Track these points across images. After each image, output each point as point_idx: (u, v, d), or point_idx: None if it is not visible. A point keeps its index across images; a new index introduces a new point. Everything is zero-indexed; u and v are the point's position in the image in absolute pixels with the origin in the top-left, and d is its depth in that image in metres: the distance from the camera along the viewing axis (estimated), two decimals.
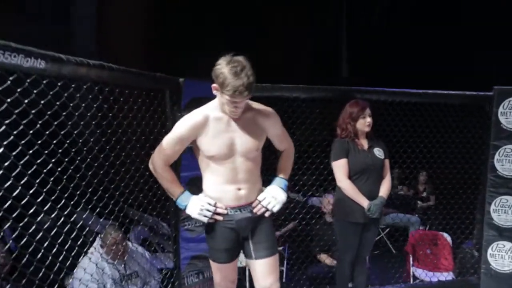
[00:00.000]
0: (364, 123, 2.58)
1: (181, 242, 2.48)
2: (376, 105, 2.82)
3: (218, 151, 1.80)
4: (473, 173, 3.36)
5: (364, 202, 2.52)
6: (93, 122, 1.92)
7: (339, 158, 2.58)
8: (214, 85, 1.73)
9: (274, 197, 1.88)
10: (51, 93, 1.62)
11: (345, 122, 2.63)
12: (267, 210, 1.88)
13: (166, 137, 1.87)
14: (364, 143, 2.63)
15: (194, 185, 2.47)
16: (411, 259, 3.69)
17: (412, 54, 5.96)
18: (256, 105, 1.87)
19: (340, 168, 2.57)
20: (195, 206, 1.82)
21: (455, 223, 3.49)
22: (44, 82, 1.57)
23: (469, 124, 3.31)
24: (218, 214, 1.83)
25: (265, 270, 1.88)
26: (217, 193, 1.85)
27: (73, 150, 1.82)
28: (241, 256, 2.67)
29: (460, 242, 3.63)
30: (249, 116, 1.85)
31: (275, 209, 1.90)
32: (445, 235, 3.79)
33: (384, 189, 2.61)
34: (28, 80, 1.50)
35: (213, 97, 2.54)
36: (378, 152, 2.63)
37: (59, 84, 1.64)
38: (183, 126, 1.82)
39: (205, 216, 1.82)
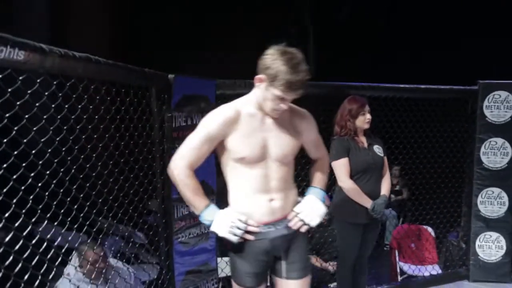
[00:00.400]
0: (364, 120, 2.47)
1: (175, 256, 2.23)
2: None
3: (250, 152, 1.54)
4: (460, 167, 3.39)
5: (368, 203, 2.42)
6: (78, 127, 1.62)
7: (340, 157, 2.45)
8: (260, 76, 1.49)
9: (312, 209, 1.64)
10: (29, 91, 1.33)
11: (344, 119, 2.51)
12: (304, 224, 1.63)
13: (190, 136, 1.58)
14: (364, 141, 2.52)
15: None
16: (396, 254, 3.68)
17: (379, 51, 6.04)
18: (291, 104, 1.60)
19: (341, 167, 2.45)
20: (224, 223, 1.53)
21: (444, 216, 3.50)
22: (21, 78, 1.27)
23: (452, 118, 3.33)
24: (249, 232, 1.56)
25: None
26: (247, 206, 1.58)
27: (55, 160, 1.52)
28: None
29: (446, 233, 3.66)
30: (285, 116, 1.59)
31: (313, 224, 1.65)
32: (428, 228, 3.83)
33: (386, 188, 2.53)
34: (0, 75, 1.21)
35: (204, 94, 2.36)
36: (378, 149, 2.53)
37: (38, 81, 1.35)
38: (212, 122, 1.54)
39: (235, 235, 1.54)
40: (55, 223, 1.79)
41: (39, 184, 1.40)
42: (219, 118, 1.54)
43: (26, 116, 1.33)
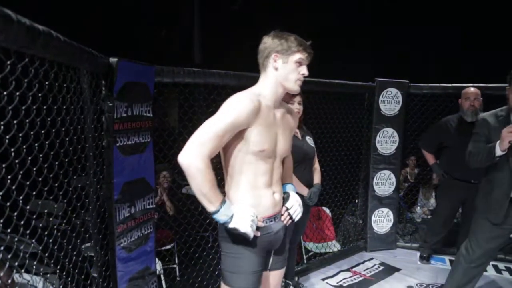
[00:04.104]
0: None
1: (117, 264, 1.97)
2: None
3: (269, 145, 1.52)
4: (355, 153, 3.85)
5: (304, 191, 2.56)
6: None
7: None
8: (274, 54, 1.52)
9: (299, 205, 1.71)
10: None
11: None
12: (290, 218, 1.69)
13: (211, 122, 1.42)
14: (299, 132, 2.65)
15: (128, 191, 2.02)
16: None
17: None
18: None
19: None
20: (246, 217, 1.44)
21: (339, 198, 3.89)
22: None
23: (352, 110, 3.75)
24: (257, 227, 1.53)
25: (276, 282, 1.74)
26: (254, 199, 1.53)
27: None
28: None
29: (341, 212, 4.13)
30: (286, 110, 1.66)
31: (297, 219, 1.72)
32: (325, 208, 4.28)
33: (318, 177, 2.71)
34: None
35: (143, 81, 2.11)
36: (310, 141, 2.69)
37: None
38: (240, 108, 1.42)
39: (252, 231, 1.48)
40: None
41: None
42: (248, 105, 1.43)
43: None
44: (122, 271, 1.99)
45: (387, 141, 3.69)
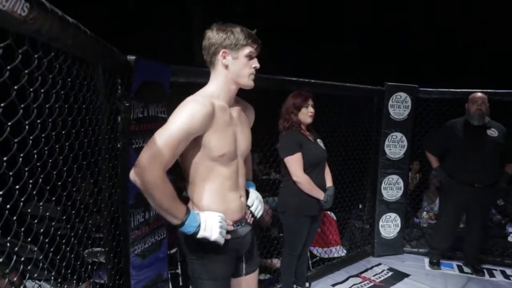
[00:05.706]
0: (307, 113, 2.53)
1: (132, 271, 1.87)
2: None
3: (228, 149, 1.45)
4: (363, 157, 3.79)
5: (320, 195, 2.51)
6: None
7: (294, 152, 2.46)
8: (222, 50, 1.42)
9: (261, 201, 1.66)
10: None
11: (288, 112, 2.54)
12: (254, 217, 1.65)
13: (164, 132, 1.31)
14: (311, 135, 2.59)
15: (143, 196, 1.92)
16: None
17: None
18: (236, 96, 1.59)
19: (296, 162, 2.46)
20: (214, 224, 1.38)
21: (345, 202, 3.81)
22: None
23: (360, 113, 3.70)
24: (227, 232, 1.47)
25: (254, 284, 1.69)
26: (221, 204, 1.47)
27: None
28: None
29: (348, 217, 4.07)
30: (241, 107, 1.58)
31: (259, 216, 1.67)
32: (331, 213, 4.22)
33: (330, 179, 2.66)
34: None
35: (159, 81, 2.03)
36: (321, 143, 2.64)
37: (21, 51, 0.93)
38: (192, 116, 1.34)
39: (223, 236, 1.41)
40: None
41: None
42: (201, 110, 1.35)
43: None
44: (135, 279, 1.90)
45: (395, 146, 3.65)
